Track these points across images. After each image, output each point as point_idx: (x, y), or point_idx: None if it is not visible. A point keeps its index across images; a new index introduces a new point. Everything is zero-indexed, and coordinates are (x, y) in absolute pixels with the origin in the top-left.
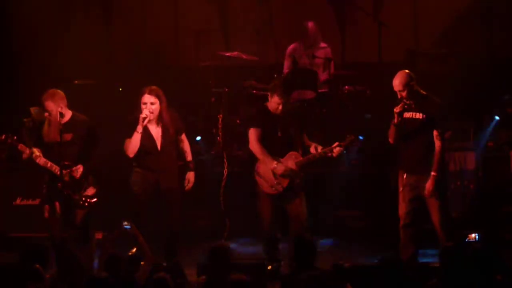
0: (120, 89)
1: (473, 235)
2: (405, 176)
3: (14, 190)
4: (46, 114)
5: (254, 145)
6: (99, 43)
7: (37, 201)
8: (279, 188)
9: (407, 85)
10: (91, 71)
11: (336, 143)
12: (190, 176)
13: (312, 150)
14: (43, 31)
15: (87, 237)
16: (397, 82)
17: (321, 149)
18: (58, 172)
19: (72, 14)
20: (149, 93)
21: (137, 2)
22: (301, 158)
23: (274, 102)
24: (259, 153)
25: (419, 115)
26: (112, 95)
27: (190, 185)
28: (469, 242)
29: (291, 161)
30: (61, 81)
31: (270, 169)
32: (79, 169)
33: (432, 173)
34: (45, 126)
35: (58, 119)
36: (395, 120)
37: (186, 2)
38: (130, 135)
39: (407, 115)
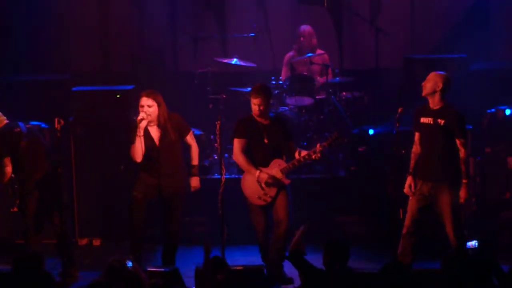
0: (118, 96)
1: (472, 242)
2: (419, 184)
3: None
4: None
5: (237, 155)
6: (96, 49)
7: None
8: (267, 198)
9: (435, 85)
10: (89, 77)
11: (318, 145)
12: (193, 181)
13: (296, 155)
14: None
15: (65, 244)
16: (429, 76)
17: (304, 153)
18: None
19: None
20: (146, 96)
21: (135, 7)
22: (285, 165)
23: (253, 104)
24: (243, 163)
25: (440, 121)
26: (110, 101)
27: (193, 189)
28: (468, 249)
29: (275, 168)
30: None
31: (255, 180)
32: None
33: (464, 180)
34: None
35: None
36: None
37: (184, 8)
38: (133, 141)
39: (424, 120)
